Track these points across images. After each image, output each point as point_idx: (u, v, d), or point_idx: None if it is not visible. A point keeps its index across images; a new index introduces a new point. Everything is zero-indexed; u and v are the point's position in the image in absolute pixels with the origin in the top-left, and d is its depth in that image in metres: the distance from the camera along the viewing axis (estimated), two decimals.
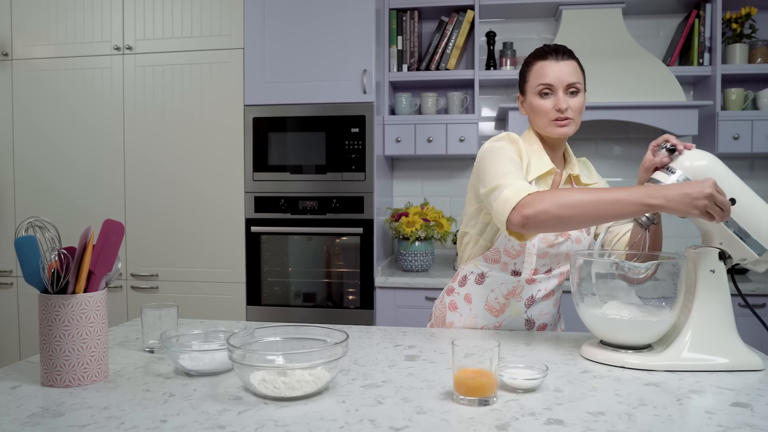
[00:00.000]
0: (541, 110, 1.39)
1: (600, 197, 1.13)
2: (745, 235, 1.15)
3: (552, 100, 1.38)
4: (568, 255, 1.44)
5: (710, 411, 0.92)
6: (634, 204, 1.11)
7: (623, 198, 1.11)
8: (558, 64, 1.37)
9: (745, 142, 2.63)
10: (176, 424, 0.87)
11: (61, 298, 1.03)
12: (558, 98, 1.37)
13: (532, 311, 1.48)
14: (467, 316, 1.51)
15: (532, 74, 1.40)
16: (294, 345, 1.11)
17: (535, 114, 1.41)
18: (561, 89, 1.37)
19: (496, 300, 1.47)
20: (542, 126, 1.41)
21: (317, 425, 0.86)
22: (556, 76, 1.36)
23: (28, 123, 2.85)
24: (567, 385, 1.04)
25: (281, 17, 2.65)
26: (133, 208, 2.78)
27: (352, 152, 2.60)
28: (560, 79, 1.36)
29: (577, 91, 1.38)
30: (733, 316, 1.17)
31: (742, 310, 2.37)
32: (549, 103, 1.38)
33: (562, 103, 1.36)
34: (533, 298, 1.46)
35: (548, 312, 1.50)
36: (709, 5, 2.70)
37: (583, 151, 3.04)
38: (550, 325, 1.52)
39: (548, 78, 1.37)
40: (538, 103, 1.39)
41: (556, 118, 1.37)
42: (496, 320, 1.48)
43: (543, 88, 1.38)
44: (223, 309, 2.71)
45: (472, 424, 0.87)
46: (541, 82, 1.37)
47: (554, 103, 1.37)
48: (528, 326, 1.49)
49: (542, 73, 1.38)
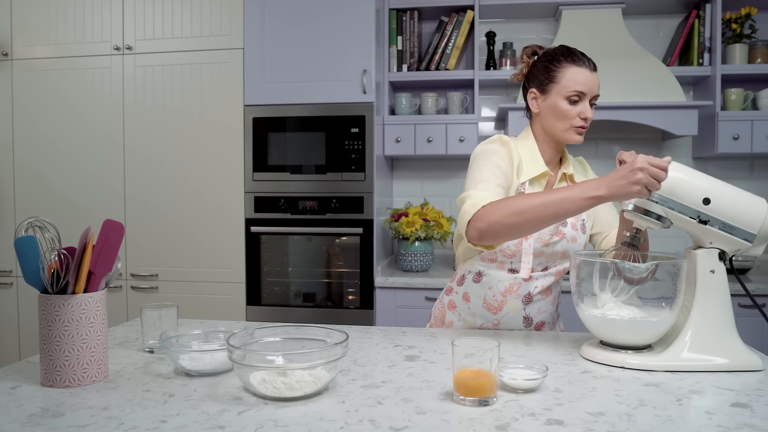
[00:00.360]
0: (567, 115, 1.38)
1: (548, 199, 1.18)
2: (730, 229, 1.16)
3: (580, 107, 1.38)
4: (564, 253, 1.45)
5: (710, 411, 0.92)
6: (581, 199, 1.16)
7: (570, 195, 1.17)
8: (593, 75, 1.38)
9: (745, 142, 2.63)
10: (176, 424, 0.87)
11: (61, 298, 1.03)
12: (585, 107, 1.38)
13: (530, 309, 1.48)
14: (466, 314, 1.52)
15: (565, 77, 1.38)
16: (294, 345, 1.11)
17: (557, 117, 1.40)
18: (589, 98, 1.38)
19: (494, 298, 1.48)
20: (561, 129, 1.40)
21: (317, 425, 0.86)
22: (590, 86, 1.37)
23: (28, 123, 2.84)
24: (567, 386, 1.04)
25: (281, 17, 2.65)
26: (133, 208, 2.78)
27: (352, 152, 2.60)
28: (592, 90, 1.38)
29: (595, 103, 1.41)
30: (732, 317, 1.17)
31: (742, 311, 2.37)
32: (576, 110, 1.38)
33: (589, 112, 1.38)
34: (530, 295, 1.47)
35: (546, 310, 1.50)
36: (708, 5, 2.70)
37: (583, 151, 3.05)
38: (548, 323, 1.53)
39: (584, 87, 1.37)
40: (565, 107, 1.38)
41: (578, 126, 1.39)
42: (495, 318, 1.49)
43: (575, 94, 1.37)
44: (222, 309, 2.71)
45: (472, 424, 0.87)
46: (577, 89, 1.37)
47: (581, 111, 1.38)
48: (526, 324, 1.49)
49: (578, 80, 1.37)
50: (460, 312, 1.53)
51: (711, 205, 1.15)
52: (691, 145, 2.98)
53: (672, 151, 2.99)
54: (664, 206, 1.16)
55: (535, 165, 1.43)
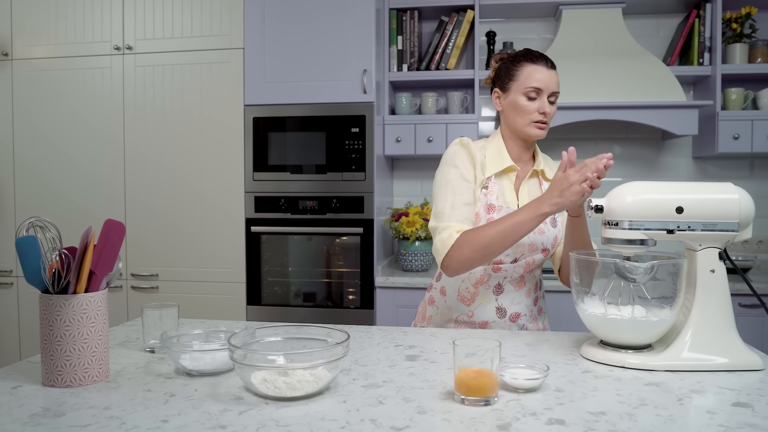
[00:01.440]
0: (526, 110, 1.46)
1: (505, 226, 1.33)
2: (712, 226, 1.16)
3: (537, 103, 1.46)
4: (533, 245, 1.49)
5: (711, 411, 0.92)
6: (533, 219, 1.31)
7: (523, 218, 1.32)
8: (549, 72, 1.46)
9: (745, 141, 2.63)
10: (177, 424, 0.87)
11: (62, 298, 1.03)
12: (543, 102, 1.46)
13: (502, 299, 1.52)
14: (443, 307, 1.59)
15: (522, 75, 1.47)
16: (295, 345, 1.11)
17: (517, 112, 1.48)
18: (546, 94, 1.46)
19: (467, 290, 1.54)
20: (522, 125, 1.48)
21: (318, 425, 0.86)
22: (547, 82, 1.45)
23: (28, 123, 2.84)
24: (568, 385, 1.04)
25: (281, 17, 2.65)
26: (133, 208, 2.78)
27: (352, 152, 2.61)
28: (548, 86, 1.45)
29: (555, 100, 1.48)
30: (733, 316, 1.17)
31: (742, 310, 2.37)
32: (534, 105, 1.46)
33: (546, 107, 1.46)
34: (500, 285, 1.52)
35: (521, 302, 1.53)
36: (709, 5, 2.70)
37: (584, 150, 3.05)
38: (525, 315, 1.54)
39: (540, 83, 1.45)
40: (524, 103, 1.46)
41: (537, 121, 1.46)
42: (468, 309, 1.54)
43: (532, 90, 1.45)
44: (223, 309, 2.71)
45: (473, 424, 0.87)
46: (533, 86, 1.45)
47: (539, 106, 1.46)
48: (499, 314, 1.52)
49: (534, 76, 1.45)
50: (438, 306, 1.60)
51: (685, 212, 1.16)
52: (691, 145, 2.98)
53: (672, 151, 3.00)
54: (640, 229, 1.17)
55: (501, 161, 1.51)
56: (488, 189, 1.50)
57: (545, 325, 1.62)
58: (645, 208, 1.17)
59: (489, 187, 1.50)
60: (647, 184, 1.20)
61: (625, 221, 1.17)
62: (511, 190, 1.53)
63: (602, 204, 1.21)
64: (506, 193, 1.52)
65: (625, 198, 1.18)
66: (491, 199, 1.48)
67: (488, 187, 1.50)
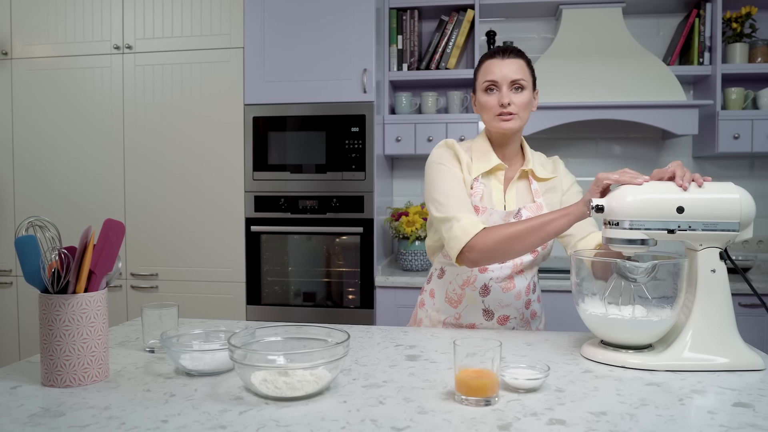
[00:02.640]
0: (486, 105, 1.46)
1: (530, 225, 1.30)
2: (713, 226, 1.16)
3: (497, 96, 1.45)
4: None
5: (712, 411, 0.92)
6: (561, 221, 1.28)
7: (549, 218, 1.29)
8: (503, 61, 1.45)
9: (745, 141, 2.63)
10: (177, 424, 0.86)
11: (61, 297, 1.03)
12: (502, 94, 1.44)
13: (489, 301, 1.50)
14: (431, 310, 1.58)
15: (480, 73, 1.49)
16: (295, 345, 1.11)
17: (482, 110, 1.49)
18: (505, 85, 1.44)
19: (454, 291, 1.53)
20: (488, 121, 1.48)
21: (319, 425, 0.86)
22: (501, 73, 1.44)
23: (28, 122, 2.84)
24: (568, 385, 1.04)
25: (281, 16, 2.64)
26: (133, 207, 2.78)
27: (352, 151, 2.60)
28: (505, 76, 1.43)
29: (521, 87, 1.45)
30: (733, 316, 1.17)
31: (743, 310, 2.37)
32: (494, 99, 1.45)
33: (504, 98, 1.43)
34: (487, 286, 1.50)
35: (509, 304, 1.51)
36: (709, 5, 2.70)
37: (584, 150, 3.05)
38: (515, 319, 1.52)
39: (493, 75, 1.44)
40: (484, 99, 1.47)
41: (500, 113, 1.44)
42: (456, 311, 1.53)
43: (488, 84, 1.45)
44: (222, 308, 2.71)
45: (474, 424, 0.87)
46: (487, 79, 1.45)
47: (498, 99, 1.44)
48: (486, 316, 1.51)
49: (488, 70, 1.46)
50: (428, 309, 1.59)
51: (686, 212, 1.15)
52: (691, 145, 2.98)
53: (672, 151, 2.99)
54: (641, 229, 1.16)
55: (487, 161, 1.50)
56: (473, 190, 1.48)
57: (539, 329, 1.59)
58: (646, 208, 1.16)
59: (474, 188, 1.49)
60: (648, 184, 1.20)
61: (626, 221, 1.17)
62: (500, 190, 1.51)
63: (603, 204, 1.21)
64: (493, 194, 1.50)
65: (626, 198, 1.18)
66: (475, 201, 1.47)
67: (473, 188, 1.49)
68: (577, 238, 1.50)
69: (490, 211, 1.46)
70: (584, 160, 3.05)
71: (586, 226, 1.50)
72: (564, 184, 1.57)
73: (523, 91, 1.45)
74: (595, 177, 1.27)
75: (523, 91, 1.44)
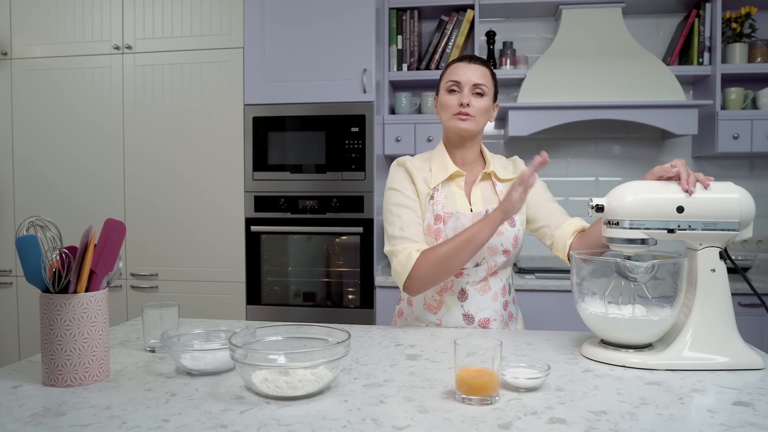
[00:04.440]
0: (446, 104, 1.50)
1: (460, 238, 1.36)
2: (713, 225, 1.16)
3: (457, 97, 1.49)
4: (493, 248, 1.48)
5: (712, 410, 0.92)
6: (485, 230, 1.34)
7: (474, 231, 1.35)
8: (469, 66, 1.50)
9: (744, 141, 2.63)
10: (178, 423, 0.87)
11: (62, 297, 1.03)
12: (462, 94, 1.48)
13: (468, 305, 1.50)
14: (411, 318, 1.57)
15: (445, 75, 1.53)
16: (295, 344, 1.11)
17: (442, 108, 1.52)
18: (467, 87, 1.48)
19: (432, 297, 1.53)
20: (446, 120, 1.51)
21: (320, 424, 0.86)
22: (465, 75, 1.48)
23: (28, 122, 2.84)
24: (569, 384, 1.04)
25: (281, 17, 2.65)
26: (133, 207, 2.78)
27: (352, 152, 2.60)
28: (468, 79, 1.48)
29: (482, 93, 1.49)
30: (733, 315, 1.17)
31: (742, 309, 2.38)
32: (454, 99, 1.49)
33: (465, 98, 1.47)
34: (464, 291, 1.50)
35: (488, 307, 1.50)
36: (708, 5, 2.70)
37: (584, 150, 3.05)
38: (495, 320, 1.51)
39: (457, 76, 1.49)
40: (445, 98, 1.51)
41: (458, 113, 1.48)
42: (436, 318, 1.52)
43: (452, 84, 1.49)
44: (222, 308, 2.71)
45: (474, 423, 0.87)
46: (450, 79, 1.50)
47: (459, 99, 1.48)
48: (467, 321, 1.50)
49: (453, 72, 1.50)
50: (406, 317, 1.59)
51: (686, 211, 1.16)
52: (691, 145, 2.98)
53: (672, 151, 3.00)
54: (640, 229, 1.17)
55: (444, 169, 1.53)
56: (435, 199, 1.50)
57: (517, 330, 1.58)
58: (646, 208, 1.17)
59: (435, 197, 1.50)
60: (648, 184, 1.20)
61: (626, 220, 1.17)
62: (462, 195, 1.52)
63: (603, 203, 1.21)
64: (456, 200, 1.51)
65: (626, 197, 1.18)
66: (437, 210, 1.48)
67: (434, 198, 1.50)
68: (552, 228, 1.52)
69: (457, 215, 1.47)
70: (584, 160, 3.05)
71: (558, 215, 1.54)
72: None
73: (483, 97, 1.49)
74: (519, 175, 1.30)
75: (483, 97, 1.49)
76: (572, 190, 3.05)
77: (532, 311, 2.45)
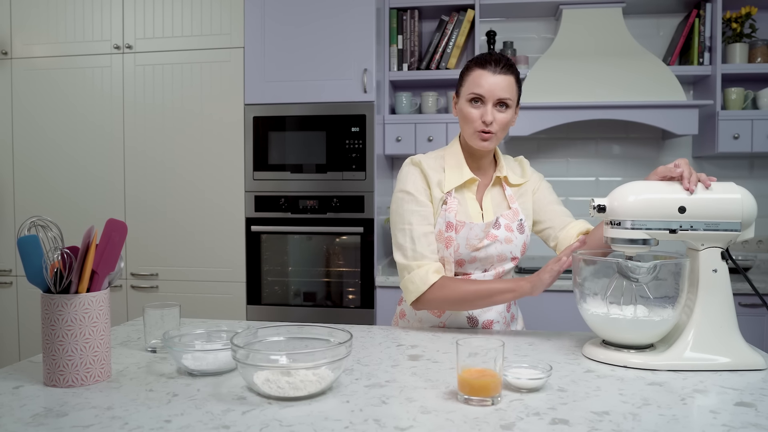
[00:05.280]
0: (468, 118, 1.42)
1: (483, 288, 1.37)
2: (715, 226, 1.16)
3: (480, 111, 1.40)
4: (501, 256, 1.46)
5: (714, 411, 0.92)
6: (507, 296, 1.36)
7: (498, 289, 1.36)
8: (494, 76, 1.39)
9: (745, 141, 2.63)
10: (180, 424, 0.86)
11: (64, 297, 1.03)
12: (486, 110, 1.39)
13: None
14: (413, 320, 1.55)
15: (468, 80, 1.43)
16: (297, 345, 1.11)
17: (463, 120, 1.44)
18: (491, 102, 1.39)
19: None
20: (467, 134, 1.44)
21: (322, 425, 0.86)
22: (490, 88, 1.38)
23: (28, 122, 2.84)
24: (571, 385, 1.04)
25: (281, 16, 2.64)
26: (133, 207, 2.78)
27: (353, 151, 2.60)
28: (492, 92, 1.38)
29: (506, 106, 1.41)
30: (735, 316, 1.17)
31: (743, 310, 2.38)
32: (477, 113, 1.40)
33: (488, 115, 1.38)
34: None
35: (491, 309, 1.50)
36: (709, 5, 2.70)
37: (584, 150, 3.05)
38: (498, 323, 1.51)
39: (481, 89, 1.39)
40: (467, 110, 1.42)
41: (481, 130, 1.40)
42: (439, 320, 1.51)
43: (474, 96, 1.40)
44: (222, 308, 2.71)
45: (477, 423, 0.87)
46: (473, 91, 1.40)
47: (481, 114, 1.40)
48: (471, 323, 1.49)
49: (477, 82, 1.40)
50: (409, 319, 1.56)
51: (687, 212, 1.16)
52: (691, 145, 2.98)
53: (672, 151, 3.00)
54: (642, 229, 1.17)
55: (460, 174, 1.47)
56: (448, 205, 1.45)
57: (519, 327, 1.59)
58: (647, 208, 1.17)
59: (449, 202, 1.45)
60: (649, 184, 1.20)
61: (628, 221, 1.17)
62: (474, 201, 1.48)
63: (605, 204, 1.21)
64: (469, 207, 1.47)
65: (628, 198, 1.18)
66: (450, 217, 1.43)
67: (447, 203, 1.45)
68: (556, 230, 1.52)
69: (470, 225, 1.43)
70: (584, 160, 3.05)
71: (563, 217, 1.52)
72: (533, 186, 1.57)
73: (507, 110, 1.41)
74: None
75: (507, 110, 1.41)
76: (572, 190, 3.05)
77: (533, 312, 2.44)
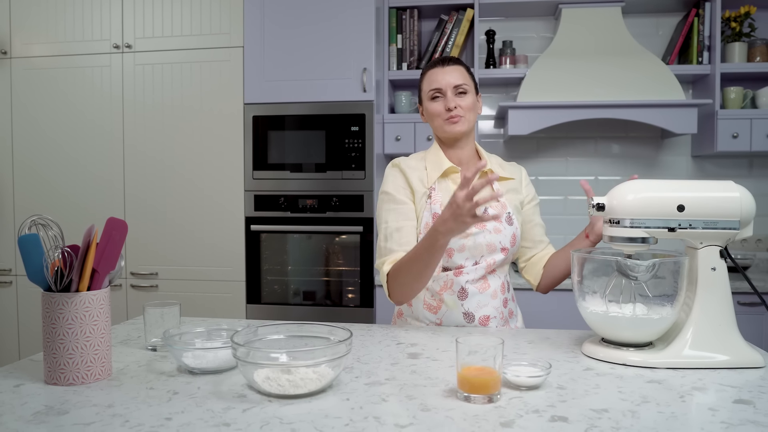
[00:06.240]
0: (434, 112, 1.52)
1: (413, 253, 1.36)
2: (713, 224, 1.16)
3: (442, 102, 1.50)
4: (491, 245, 1.49)
5: (713, 408, 0.93)
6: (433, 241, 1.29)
7: (425, 243, 1.32)
8: (444, 70, 1.51)
9: (744, 140, 2.64)
10: (181, 421, 0.87)
11: (64, 296, 1.03)
12: (447, 99, 1.49)
13: (468, 304, 1.50)
14: (411, 319, 1.57)
15: (424, 83, 1.55)
16: (297, 343, 1.11)
17: (430, 117, 1.54)
18: (450, 91, 1.49)
19: (432, 297, 1.53)
20: (438, 127, 1.53)
21: (322, 423, 0.86)
22: (445, 80, 1.50)
23: (28, 121, 2.84)
24: (570, 383, 1.05)
25: (281, 16, 2.64)
26: (133, 206, 2.78)
27: (352, 150, 2.61)
28: (448, 82, 1.49)
29: (465, 92, 1.50)
30: (733, 314, 1.17)
31: (742, 308, 2.38)
32: (440, 105, 1.50)
33: (450, 102, 1.48)
34: (464, 289, 1.50)
35: (487, 304, 1.51)
36: (708, 4, 2.70)
37: (583, 150, 3.05)
38: (495, 318, 1.52)
39: (437, 83, 1.50)
40: (431, 107, 1.52)
41: (448, 117, 1.49)
42: (436, 317, 1.53)
43: (434, 92, 1.51)
44: (222, 307, 2.71)
45: (476, 421, 0.87)
46: (432, 88, 1.51)
47: (444, 104, 1.50)
48: (467, 319, 1.50)
49: (432, 80, 1.52)
50: (407, 318, 1.59)
51: (686, 210, 1.16)
52: (690, 144, 2.98)
53: (671, 150, 3.00)
54: (641, 227, 1.17)
55: (439, 166, 1.54)
56: (432, 198, 1.51)
57: (518, 327, 1.60)
58: (646, 206, 1.17)
59: (433, 196, 1.51)
60: (648, 183, 1.20)
61: (627, 219, 1.18)
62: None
63: (604, 202, 1.21)
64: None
65: (627, 196, 1.18)
66: (436, 208, 1.49)
67: (432, 197, 1.51)
68: (530, 249, 1.61)
69: None
70: (584, 160, 3.05)
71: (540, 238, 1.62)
72: (527, 194, 1.63)
73: (467, 95, 1.50)
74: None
75: (466, 95, 1.50)
76: (572, 189, 3.06)
77: (532, 310, 2.45)
